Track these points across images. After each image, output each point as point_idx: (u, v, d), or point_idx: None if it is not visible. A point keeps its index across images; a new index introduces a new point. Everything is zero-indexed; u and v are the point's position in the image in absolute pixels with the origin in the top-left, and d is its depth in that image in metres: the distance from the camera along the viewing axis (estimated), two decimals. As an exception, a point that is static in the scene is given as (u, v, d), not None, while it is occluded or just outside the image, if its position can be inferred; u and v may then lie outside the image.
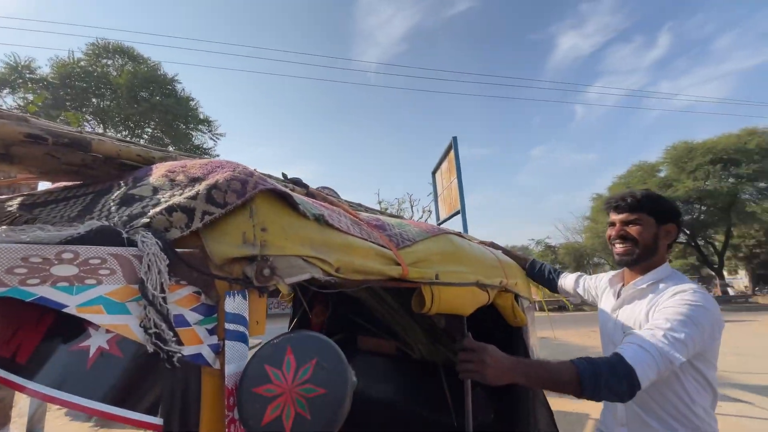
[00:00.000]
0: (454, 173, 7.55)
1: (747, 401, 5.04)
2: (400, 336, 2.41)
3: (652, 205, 1.21)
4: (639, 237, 1.19)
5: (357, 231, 0.82)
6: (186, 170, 0.66)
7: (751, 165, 22.45)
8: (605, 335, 1.32)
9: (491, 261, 1.37)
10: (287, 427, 0.51)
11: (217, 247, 0.57)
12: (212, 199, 0.57)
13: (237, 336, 0.57)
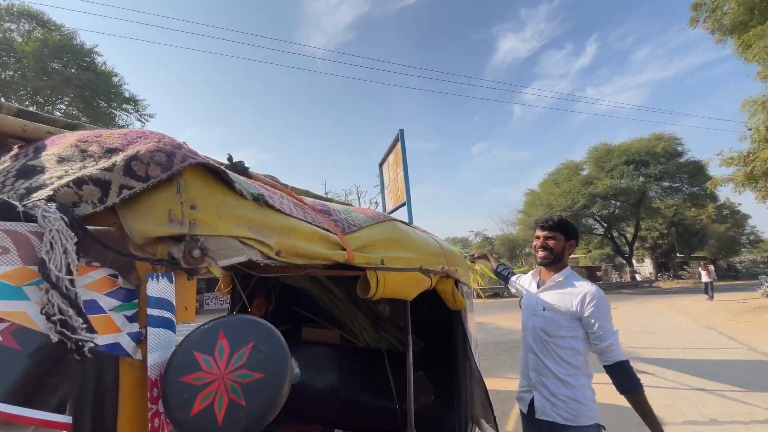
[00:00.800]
0: (400, 165, 7.65)
1: (650, 373, 5.77)
2: (345, 325, 2.40)
3: (563, 227, 1.78)
4: (554, 248, 1.75)
5: (300, 214, 0.78)
6: (101, 140, 0.57)
7: (658, 166, 25.53)
8: (528, 308, 1.81)
9: (434, 248, 1.41)
10: (219, 416, 0.47)
11: (138, 225, 0.50)
12: (132, 172, 0.50)
13: (161, 322, 0.51)
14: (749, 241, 41.22)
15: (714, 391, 4.74)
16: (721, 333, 8.70)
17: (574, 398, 1.58)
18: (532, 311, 1.76)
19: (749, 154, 11.07)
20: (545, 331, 1.67)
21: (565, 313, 1.63)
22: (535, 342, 1.70)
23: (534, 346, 1.70)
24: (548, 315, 1.68)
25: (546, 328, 1.67)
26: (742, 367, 5.84)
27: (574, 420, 1.56)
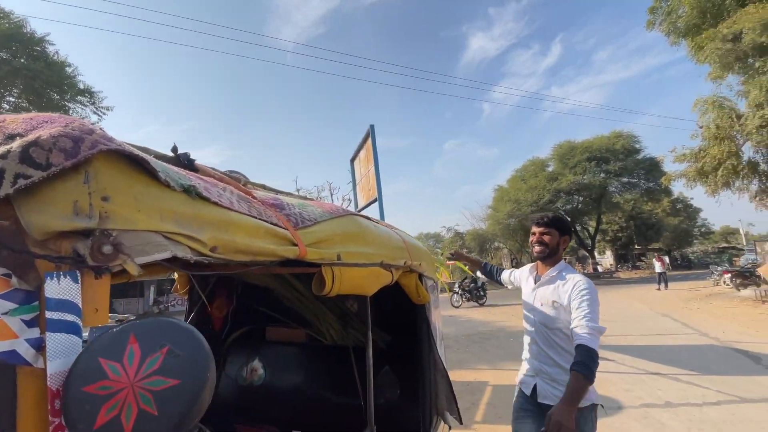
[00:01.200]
0: (371, 161, 7.61)
1: (611, 359, 6.06)
2: (312, 323, 2.35)
3: (558, 223, 1.88)
4: (549, 243, 1.85)
5: (245, 208, 0.73)
6: (3, 125, 0.50)
7: (617, 163, 26.79)
8: (527, 303, 1.94)
9: (396, 242, 1.39)
10: (127, 428, 0.42)
11: (37, 218, 0.44)
12: (29, 159, 0.44)
13: (64, 326, 0.45)
14: (701, 233, 44.17)
15: (669, 374, 5.03)
16: (675, 320, 9.26)
17: (559, 372, 1.72)
18: (531, 306, 1.90)
19: (700, 151, 11.80)
20: (544, 324, 1.79)
21: (560, 306, 1.74)
22: (537, 334, 1.82)
23: (536, 337, 1.83)
24: (546, 309, 1.79)
25: (545, 321, 1.79)
26: (694, 351, 6.23)
27: None
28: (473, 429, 3.78)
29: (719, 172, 11.09)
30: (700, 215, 42.58)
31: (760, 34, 7.91)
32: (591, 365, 1.46)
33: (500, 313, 12.23)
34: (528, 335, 1.91)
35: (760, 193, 12.90)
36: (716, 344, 6.57)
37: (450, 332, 9.49)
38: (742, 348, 6.15)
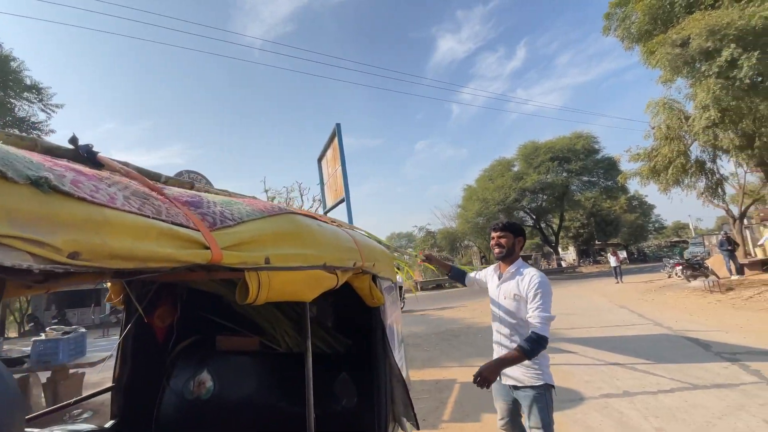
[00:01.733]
0: (338, 161, 7.46)
1: (573, 352, 6.24)
2: (265, 330, 2.21)
3: (511, 227, 2.23)
4: (506, 245, 2.18)
5: (134, 206, 0.60)
6: None
7: (578, 162, 27.98)
8: (493, 299, 2.24)
9: (345, 242, 1.29)
10: None
11: None
12: None
13: None
14: (654, 228, 47.03)
15: (626, 364, 5.22)
16: (632, 311, 9.70)
17: (531, 364, 1.99)
18: (497, 300, 2.20)
19: (652, 151, 12.48)
20: (509, 314, 2.08)
21: (521, 298, 2.03)
22: (503, 324, 2.13)
23: (502, 327, 2.13)
24: (509, 302, 2.09)
25: (509, 312, 2.08)
26: (649, 341, 6.53)
27: (530, 381, 2.00)
28: (441, 429, 3.74)
29: (669, 171, 11.76)
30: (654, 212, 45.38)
31: (706, 39, 8.43)
32: (534, 347, 1.81)
33: (469, 311, 12.41)
34: (495, 326, 2.21)
35: (706, 190, 13.81)
36: (670, 333, 6.91)
37: (420, 331, 9.50)
38: (693, 336, 6.50)
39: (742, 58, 8.01)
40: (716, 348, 5.64)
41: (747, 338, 6.00)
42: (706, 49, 8.51)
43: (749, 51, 8.02)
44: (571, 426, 3.47)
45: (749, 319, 7.45)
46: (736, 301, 9.34)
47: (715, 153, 12.26)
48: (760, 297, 9.20)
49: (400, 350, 1.87)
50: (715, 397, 3.81)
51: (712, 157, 12.53)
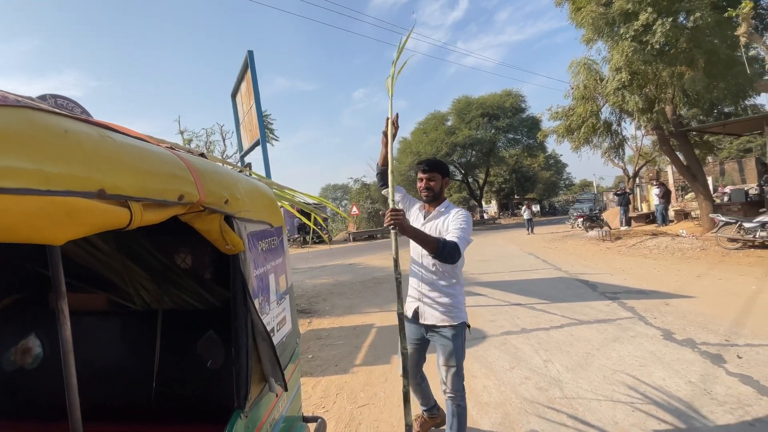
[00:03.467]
0: (252, 96, 6.63)
1: (482, 294, 6.67)
2: (116, 284, 1.81)
3: (440, 167, 2.16)
4: (434, 187, 2.13)
5: None
6: None
7: (505, 120, 29.12)
8: None
9: (162, 166, 0.92)
10: None
11: None
12: None
13: None
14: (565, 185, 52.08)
15: (526, 305, 5.69)
16: (538, 257, 10.69)
17: (451, 303, 2.04)
18: None
19: (570, 110, 13.21)
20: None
21: (447, 231, 2.00)
22: (422, 264, 2.10)
23: (421, 267, 2.10)
24: None
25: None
26: (548, 283, 7.21)
27: (448, 320, 2.03)
28: (352, 372, 3.75)
29: (582, 130, 12.63)
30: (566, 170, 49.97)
31: (627, 1, 8.72)
32: (447, 249, 1.79)
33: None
34: (414, 267, 2.16)
35: (609, 150, 15.23)
36: (566, 276, 7.70)
37: (346, 280, 9.55)
38: (584, 279, 7.30)
39: (657, 23, 8.46)
40: (601, 288, 6.38)
41: (626, 280, 6.89)
42: (627, 11, 8.84)
43: (663, 16, 8.47)
44: (472, 363, 3.66)
45: (630, 263, 8.59)
46: (621, 249, 10.72)
47: (620, 115, 13.38)
48: (641, 245, 10.64)
49: (281, 304, 1.62)
50: (596, 331, 4.28)
51: (618, 119, 13.68)
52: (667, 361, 3.30)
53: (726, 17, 7.95)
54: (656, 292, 5.81)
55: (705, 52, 8.65)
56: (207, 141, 26.24)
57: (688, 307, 4.90)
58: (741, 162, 20.47)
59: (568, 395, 2.86)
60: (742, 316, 4.34)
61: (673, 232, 11.77)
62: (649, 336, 3.97)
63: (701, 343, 3.66)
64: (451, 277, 2.07)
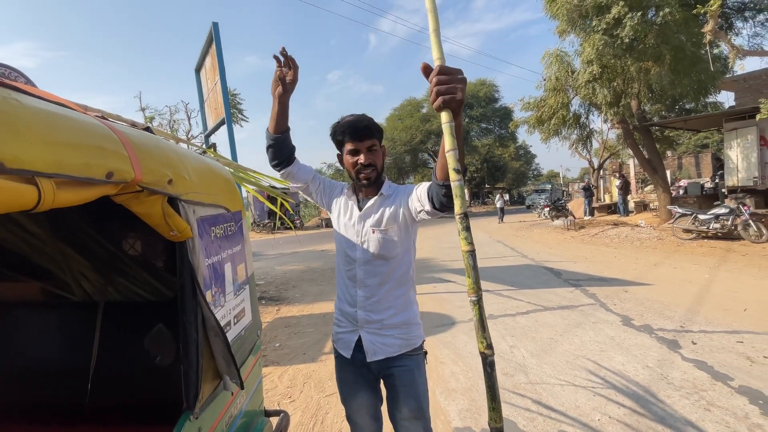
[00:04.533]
0: (217, 72, 6.26)
1: (452, 281, 6.75)
2: (53, 273, 1.62)
3: (378, 131, 1.43)
4: (377, 161, 1.42)
5: None
6: None
7: (479, 109, 29.41)
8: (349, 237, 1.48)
9: (84, 136, 0.77)
10: None
11: None
12: None
13: None
14: (533, 175, 53.55)
15: (494, 291, 5.79)
16: (506, 245, 10.95)
17: (407, 321, 1.44)
18: (358, 238, 1.45)
19: (541, 101, 13.43)
20: (380, 255, 1.41)
21: (397, 220, 1.41)
22: (368, 274, 1.42)
23: (362, 278, 1.43)
24: (380, 235, 1.41)
25: (381, 251, 1.40)
26: (515, 270, 7.38)
27: (407, 345, 1.42)
28: (320, 360, 3.68)
29: (552, 121, 12.90)
30: (535, 160, 51.33)
31: (600, -7, 8.84)
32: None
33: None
34: (348, 280, 1.47)
35: (577, 142, 15.69)
36: (532, 264, 7.91)
37: (317, 267, 9.42)
38: (549, 266, 7.53)
39: (627, 17, 8.64)
40: (565, 275, 6.60)
41: (589, 267, 7.16)
42: (599, 3, 8.97)
43: (634, 11, 8.66)
44: (441, 348, 3.67)
45: (593, 252, 8.94)
46: (585, 238, 11.15)
47: (589, 108, 13.75)
48: (603, 234, 11.10)
49: (240, 295, 1.50)
50: (560, 317, 4.41)
51: (586, 112, 14.07)
52: (626, 347, 3.44)
53: (694, 14, 8.22)
54: (616, 280, 6.06)
55: (672, 48, 8.96)
56: (171, 119, 24.89)
57: (646, 294, 5.13)
58: (698, 157, 21.71)
59: (532, 380, 2.92)
60: (696, 304, 4.59)
61: (633, 222, 12.35)
62: (610, 322, 4.12)
63: (658, 329, 3.83)
64: (405, 283, 1.44)
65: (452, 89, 0.86)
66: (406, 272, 1.46)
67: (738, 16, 10.71)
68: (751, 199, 9.26)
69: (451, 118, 0.88)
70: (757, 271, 5.97)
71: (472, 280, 0.86)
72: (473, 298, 0.86)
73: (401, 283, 1.44)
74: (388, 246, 1.41)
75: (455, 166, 0.85)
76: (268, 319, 5.25)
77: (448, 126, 0.87)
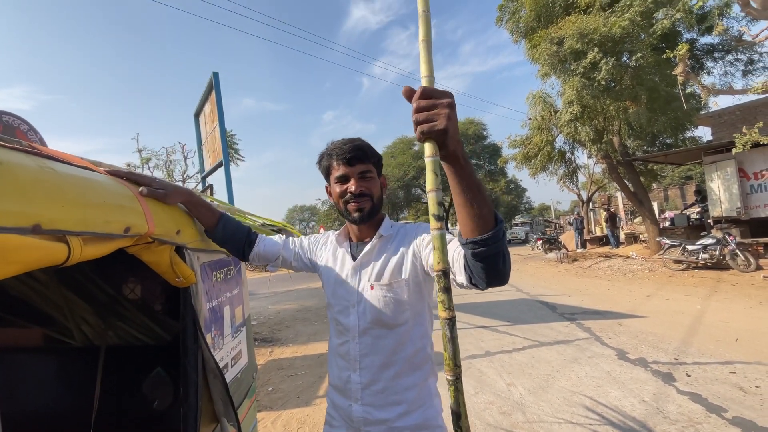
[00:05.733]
0: (216, 117, 6.53)
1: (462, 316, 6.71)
2: (54, 319, 1.67)
3: (375, 155, 1.15)
4: (374, 191, 1.11)
5: None
6: None
7: (469, 146, 30.33)
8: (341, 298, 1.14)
9: (106, 197, 0.88)
10: None
11: None
12: None
13: None
14: (525, 209, 54.31)
15: (490, 327, 5.77)
16: (502, 279, 10.95)
17: (426, 424, 1.06)
18: (351, 298, 1.11)
19: (527, 139, 13.96)
20: (381, 321, 1.06)
21: (404, 271, 1.06)
22: (365, 349, 1.07)
23: (363, 357, 1.07)
24: (382, 293, 1.06)
25: (382, 316, 1.06)
26: (511, 305, 7.37)
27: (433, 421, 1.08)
28: (315, 404, 3.60)
29: (538, 158, 13.37)
30: (526, 194, 52.30)
31: (577, 41, 9.50)
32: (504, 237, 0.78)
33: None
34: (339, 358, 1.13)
35: (564, 177, 16.15)
36: (527, 298, 7.92)
37: (311, 305, 9.31)
38: (544, 300, 7.54)
39: (602, 61, 9.25)
40: (560, 309, 6.61)
41: (583, 301, 7.18)
42: (576, 50, 9.62)
43: (608, 56, 9.29)
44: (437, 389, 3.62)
45: (586, 284, 8.99)
46: (578, 270, 11.22)
47: (573, 145, 14.30)
48: (595, 266, 11.19)
49: (237, 337, 1.55)
50: (556, 352, 4.40)
51: (571, 149, 14.61)
52: (621, 381, 3.43)
53: (665, 58, 8.83)
54: (610, 313, 6.09)
55: (647, 88, 9.52)
56: (167, 160, 25.23)
57: (640, 326, 5.15)
58: (683, 188, 22.36)
59: (530, 419, 2.89)
60: (689, 335, 4.62)
61: (624, 254, 12.50)
62: (605, 356, 4.12)
63: (653, 362, 3.84)
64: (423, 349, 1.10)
65: (433, 116, 0.66)
66: (422, 349, 1.09)
67: (708, 57, 11.50)
68: (736, 229, 9.50)
69: (434, 152, 0.67)
70: (747, 301, 6.05)
71: (449, 354, 0.67)
72: (450, 377, 0.67)
73: (415, 366, 1.07)
74: (392, 308, 1.04)
75: (435, 212, 0.69)
76: (261, 362, 5.15)
77: (431, 161, 0.68)
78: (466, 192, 0.73)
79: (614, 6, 9.89)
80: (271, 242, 1.29)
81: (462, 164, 0.71)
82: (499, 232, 0.75)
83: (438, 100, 0.68)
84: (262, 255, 1.26)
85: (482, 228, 0.74)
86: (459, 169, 0.71)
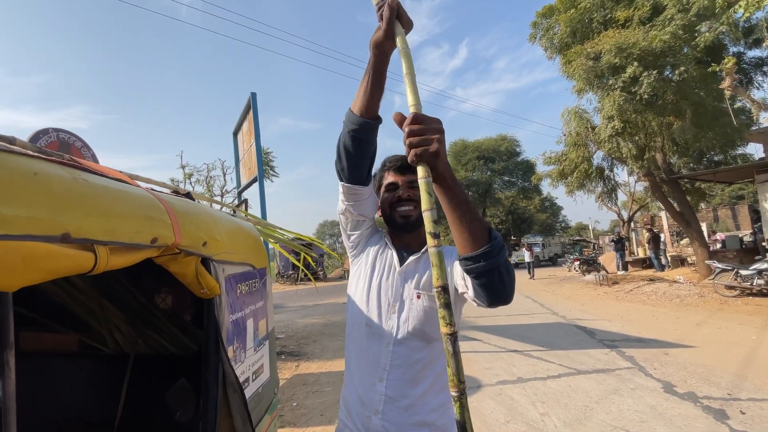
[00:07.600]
0: (253, 135, 6.82)
1: (478, 339, 6.47)
2: (90, 325, 1.73)
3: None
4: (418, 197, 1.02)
5: None
6: None
7: (501, 163, 29.92)
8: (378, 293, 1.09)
9: (134, 208, 0.91)
10: None
11: None
12: None
13: None
14: (561, 228, 52.34)
15: (523, 351, 5.50)
16: (535, 301, 10.50)
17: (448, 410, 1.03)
18: (393, 303, 1.06)
19: (563, 155, 13.53)
20: (423, 333, 1.01)
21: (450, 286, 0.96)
22: (398, 360, 1.02)
23: (394, 368, 1.01)
24: (428, 304, 1.03)
25: (425, 328, 1.01)
26: (545, 329, 7.02)
27: None
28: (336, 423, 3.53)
29: (575, 174, 12.88)
30: (561, 212, 50.50)
31: (615, 56, 9.22)
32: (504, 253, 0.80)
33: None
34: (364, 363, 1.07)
35: (602, 195, 15.45)
36: (563, 322, 7.51)
37: (338, 320, 9.29)
38: (581, 324, 7.12)
39: (643, 75, 8.90)
40: (600, 335, 6.21)
41: (625, 327, 6.72)
42: (614, 64, 9.31)
43: (649, 70, 8.93)
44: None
45: (628, 309, 8.43)
46: (619, 294, 10.57)
47: (612, 162, 13.71)
48: (638, 290, 10.50)
49: (259, 351, 1.54)
50: (595, 381, 4.11)
51: (609, 166, 14.00)
52: (669, 417, 3.14)
53: (710, 72, 8.38)
54: (655, 341, 5.65)
55: (692, 103, 9.02)
56: (207, 176, 26.55)
57: (689, 357, 4.74)
58: (734, 209, 20.80)
59: (566, 454, 2.69)
60: (743, 368, 4.19)
61: (670, 278, 11.67)
62: (650, 388, 3.80)
63: (703, 396, 3.50)
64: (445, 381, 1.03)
65: (426, 140, 0.70)
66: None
67: (757, 71, 10.80)
68: (797, 254, 8.65)
69: (427, 174, 0.70)
70: (816, 335, 5.44)
71: (453, 370, 0.67)
72: (454, 393, 0.66)
73: (442, 386, 1.03)
74: (436, 321, 0.93)
75: (431, 230, 0.70)
76: (287, 376, 5.16)
77: (424, 182, 0.71)
78: (456, 210, 0.77)
79: (654, 20, 9.54)
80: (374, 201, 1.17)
81: (450, 184, 0.76)
82: (493, 248, 0.77)
83: (429, 126, 0.72)
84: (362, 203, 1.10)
85: (474, 244, 0.77)
86: (448, 189, 0.76)
